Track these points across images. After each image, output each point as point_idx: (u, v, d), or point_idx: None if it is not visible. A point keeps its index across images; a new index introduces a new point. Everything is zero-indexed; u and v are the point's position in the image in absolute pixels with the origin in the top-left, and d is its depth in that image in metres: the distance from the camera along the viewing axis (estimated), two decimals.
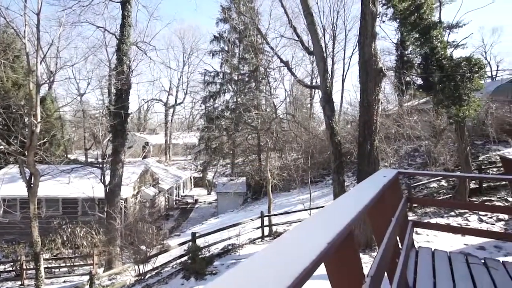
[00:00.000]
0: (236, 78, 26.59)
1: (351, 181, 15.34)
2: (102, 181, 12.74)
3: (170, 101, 41.86)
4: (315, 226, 1.50)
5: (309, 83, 28.74)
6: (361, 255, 6.99)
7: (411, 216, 9.59)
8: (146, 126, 46.09)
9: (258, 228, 10.65)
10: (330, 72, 28.48)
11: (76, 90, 27.22)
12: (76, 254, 12.97)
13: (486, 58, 34.80)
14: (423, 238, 7.91)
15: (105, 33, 15.86)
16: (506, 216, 8.01)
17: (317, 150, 17.64)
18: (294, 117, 16.37)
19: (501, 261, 3.36)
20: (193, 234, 9.35)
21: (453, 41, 15.28)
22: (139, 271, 8.95)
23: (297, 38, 12.63)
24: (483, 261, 3.36)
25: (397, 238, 3.45)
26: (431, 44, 10.83)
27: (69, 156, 24.82)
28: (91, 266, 11.56)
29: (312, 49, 10.96)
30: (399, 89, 16.31)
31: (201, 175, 31.25)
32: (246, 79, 25.72)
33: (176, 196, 26.05)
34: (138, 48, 15.09)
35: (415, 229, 7.29)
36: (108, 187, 12.52)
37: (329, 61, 29.05)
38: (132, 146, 18.05)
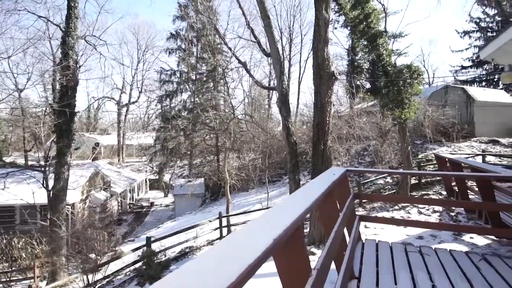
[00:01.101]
0: (194, 77, 26.09)
1: (307, 179, 15.93)
2: (45, 185, 11.64)
3: (124, 100, 39.71)
4: (265, 223, 1.55)
5: (267, 84, 29.23)
6: (315, 250, 7.30)
7: (361, 211, 10.25)
8: (96, 125, 43.11)
9: (217, 229, 10.57)
10: (286, 74, 29.23)
11: (14, 85, 24.49)
12: (13, 268, 11.67)
13: (424, 66, 38.44)
14: (372, 231, 8.48)
15: (48, 24, 14.47)
16: (440, 208, 8.88)
17: (275, 150, 18.04)
18: (252, 117, 16.54)
19: (433, 248, 3.75)
20: (148, 238, 8.99)
21: (397, 50, 16.65)
22: (88, 281, 8.34)
23: (254, 40, 12.79)
24: (418, 249, 3.72)
25: (346, 231, 3.67)
26: (377, 51, 11.64)
27: (4, 158, 22.25)
28: (31, 280, 10.50)
29: (269, 51, 11.19)
30: (350, 92, 17.32)
31: (157, 177, 30.11)
32: (204, 78, 25.36)
33: (130, 200, 24.76)
34: (86, 42, 14.03)
35: (365, 223, 7.83)
36: (51, 192, 11.47)
37: (286, 63, 29.85)
38: (79, 147, 16.76)
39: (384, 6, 13.24)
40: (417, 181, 11.53)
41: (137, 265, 8.64)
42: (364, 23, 11.59)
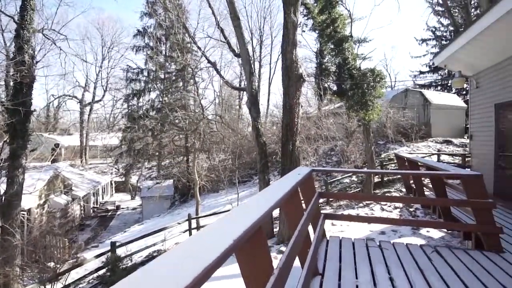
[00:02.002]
0: (162, 76, 25.40)
1: (277, 179, 16.08)
2: None
3: (87, 98, 37.69)
4: (226, 224, 1.57)
5: (237, 85, 29.23)
6: (284, 248, 7.42)
7: (329, 209, 10.59)
8: (57, 125, 40.44)
9: (186, 231, 10.40)
10: (257, 75, 29.50)
11: None
12: None
13: (387, 70, 40.52)
14: (339, 228, 8.79)
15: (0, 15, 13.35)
16: (400, 204, 9.42)
17: (245, 151, 18.08)
18: (222, 118, 16.45)
19: (392, 242, 3.98)
20: (113, 243, 8.60)
21: (362, 54, 17.37)
22: None
23: (224, 40, 12.76)
24: (378, 244, 3.92)
25: (311, 229, 3.77)
26: (343, 55, 12.08)
27: None
28: None
29: (239, 52, 11.20)
30: (318, 94, 17.82)
31: (123, 179, 28.92)
32: (173, 78, 24.77)
33: (94, 204, 23.57)
34: (44, 36, 13.13)
35: (332, 220, 8.10)
36: (3, 198, 10.60)
37: (257, 64, 30.11)
38: (37, 149, 15.62)
39: (350, 12, 13.81)
40: (380, 180, 12.14)
41: (100, 272, 8.23)
42: (331, 27, 11.98)
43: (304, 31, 13.37)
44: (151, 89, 25.62)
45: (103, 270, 8.16)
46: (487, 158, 7.33)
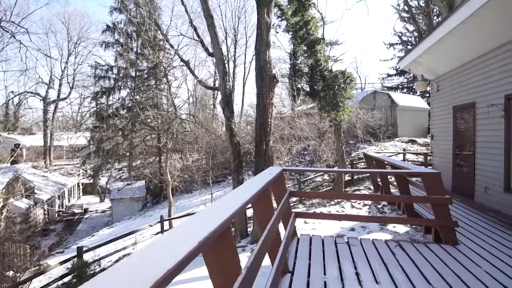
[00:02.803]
0: (133, 74, 24.57)
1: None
2: None
3: (51, 96, 35.56)
4: (192, 225, 1.56)
5: (212, 84, 28.96)
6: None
7: (301, 208, 10.80)
8: (17, 124, 37.77)
9: (158, 233, 10.15)
10: (231, 75, 29.40)
11: None
12: None
13: (357, 72, 41.98)
14: (311, 226, 8.98)
15: None
16: (369, 202, 9.80)
17: (220, 151, 17.97)
18: (195, 117, 16.22)
19: (359, 239, 4.14)
20: (79, 248, 8.19)
21: (333, 56, 17.92)
22: None
23: (197, 39, 12.61)
24: (347, 240, 4.07)
25: (282, 228, 3.83)
26: (316, 57, 12.37)
27: None
28: None
29: (212, 51, 11.12)
30: (292, 94, 18.11)
31: (91, 181, 27.66)
32: (145, 76, 24.05)
33: (59, 207, 22.34)
34: (2, 29, 12.27)
35: (305, 219, 8.27)
36: None
37: (231, 64, 29.99)
38: None
39: (322, 15, 14.14)
40: (350, 178, 12.56)
41: (66, 279, 7.82)
42: (304, 29, 12.21)
43: (277, 32, 13.52)
44: (122, 87, 24.66)
45: (69, 277, 7.76)
46: (446, 157, 7.84)
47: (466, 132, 6.88)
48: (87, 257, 8.16)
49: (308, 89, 14.27)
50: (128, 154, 20.47)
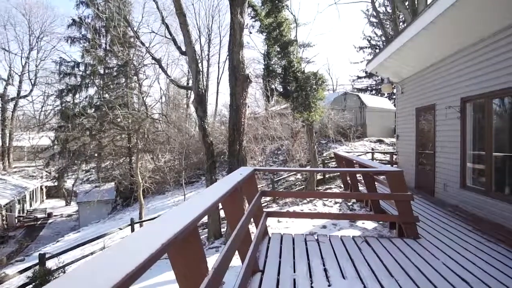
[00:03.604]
0: (102, 71, 23.54)
1: None
2: None
3: (10, 93, 33.16)
4: (157, 227, 1.53)
5: (185, 83, 28.47)
6: None
7: (275, 207, 10.92)
8: None
9: None
10: (205, 74, 29.09)
11: None
12: None
13: (329, 74, 43.20)
14: (284, 225, 9.11)
15: None
16: (340, 200, 10.11)
17: (193, 151, 17.71)
18: (167, 117, 15.86)
19: (328, 236, 4.27)
20: (42, 255, 7.71)
21: (306, 58, 18.30)
22: None
23: (169, 37, 12.33)
24: (316, 238, 4.18)
25: (254, 227, 3.86)
26: (288, 58, 12.55)
27: None
28: None
29: (185, 50, 10.93)
30: (265, 95, 18.26)
31: (56, 184, 26.15)
32: (115, 73, 23.13)
33: (19, 212, 20.92)
34: None
35: (278, 218, 8.37)
36: None
37: (205, 63, 29.67)
38: None
39: (295, 17, 14.39)
40: (322, 177, 12.89)
41: None
42: (277, 30, 12.35)
43: (251, 33, 13.56)
44: (89, 85, 23.52)
45: (30, 287, 7.28)
46: (410, 156, 8.28)
47: (428, 132, 7.31)
48: (51, 264, 7.70)
49: (281, 89, 14.45)
50: (96, 155, 19.58)
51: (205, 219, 10.73)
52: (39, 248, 14.93)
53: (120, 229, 10.05)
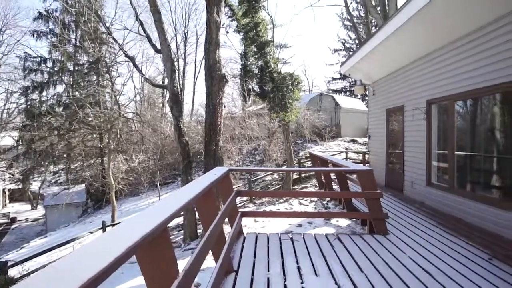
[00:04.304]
0: (71, 68, 22.47)
1: None
2: None
3: None
4: (123, 229, 1.50)
5: (161, 82, 27.81)
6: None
7: (252, 207, 10.95)
8: None
9: None
10: (181, 73, 28.59)
11: None
12: None
13: (305, 75, 43.93)
14: (261, 224, 9.16)
15: None
16: (315, 199, 10.31)
17: (168, 151, 17.36)
18: (142, 116, 15.43)
19: (302, 234, 4.35)
20: (4, 263, 7.24)
21: (283, 59, 18.50)
22: None
23: (144, 34, 12.00)
24: (290, 236, 4.24)
25: (229, 227, 3.85)
26: (265, 59, 12.63)
27: None
28: None
29: (160, 47, 10.70)
30: (242, 95, 18.28)
31: (20, 186, 24.64)
32: (85, 71, 22.15)
33: None
34: None
35: (255, 218, 8.40)
36: None
37: (181, 62, 29.14)
38: None
39: (272, 18, 14.51)
40: (298, 176, 13.09)
41: None
42: (254, 31, 12.39)
43: (228, 32, 13.52)
44: (57, 82, 22.35)
45: None
46: (380, 155, 8.61)
47: (397, 132, 7.64)
48: (14, 272, 7.27)
49: (258, 89, 14.52)
50: (65, 155, 18.65)
51: (181, 220, 10.55)
52: (1, 255, 14.02)
53: (91, 232, 9.66)
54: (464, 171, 5.18)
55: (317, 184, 11.05)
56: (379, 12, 15.84)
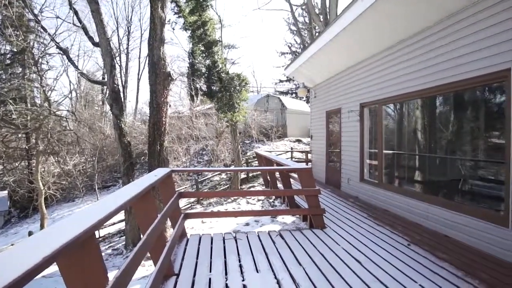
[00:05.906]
0: None
1: None
2: None
3: None
4: (48, 234, 1.39)
5: (101, 78, 25.79)
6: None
7: (199, 208, 10.79)
8: None
9: None
10: (124, 69, 26.93)
11: None
12: None
13: (254, 76, 44.70)
14: (208, 225, 9.07)
15: None
16: (262, 197, 10.56)
17: (109, 152, 16.18)
18: (75, 114, 14.13)
19: (246, 233, 4.44)
20: None
21: (231, 59, 18.54)
22: None
23: (79, 24, 11.00)
24: (234, 235, 4.30)
25: (170, 230, 3.75)
26: (213, 58, 12.55)
27: None
28: None
29: (98, 41, 9.93)
30: (190, 94, 17.88)
31: None
32: (8, 61, 19.50)
33: None
34: None
35: (202, 219, 8.28)
36: None
37: (124, 57, 27.45)
38: None
39: (220, 17, 14.46)
40: (246, 176, 13.26)
41: None
42: (202, 29, 12.22)
43: (174, 29, 13.09)
44: None
45: None
46: (321, 154, 9.18)
47: (336, 133, 8.22)
48: None
49: (206, 89, 14.34)
50: None
51: (122, 226, 9.93)
52: None
53: (13, 245, 8.58)
54: (391, 168, 5.79)
55: (264, 183, 11.32)
56: (321, 20, 16.82)
